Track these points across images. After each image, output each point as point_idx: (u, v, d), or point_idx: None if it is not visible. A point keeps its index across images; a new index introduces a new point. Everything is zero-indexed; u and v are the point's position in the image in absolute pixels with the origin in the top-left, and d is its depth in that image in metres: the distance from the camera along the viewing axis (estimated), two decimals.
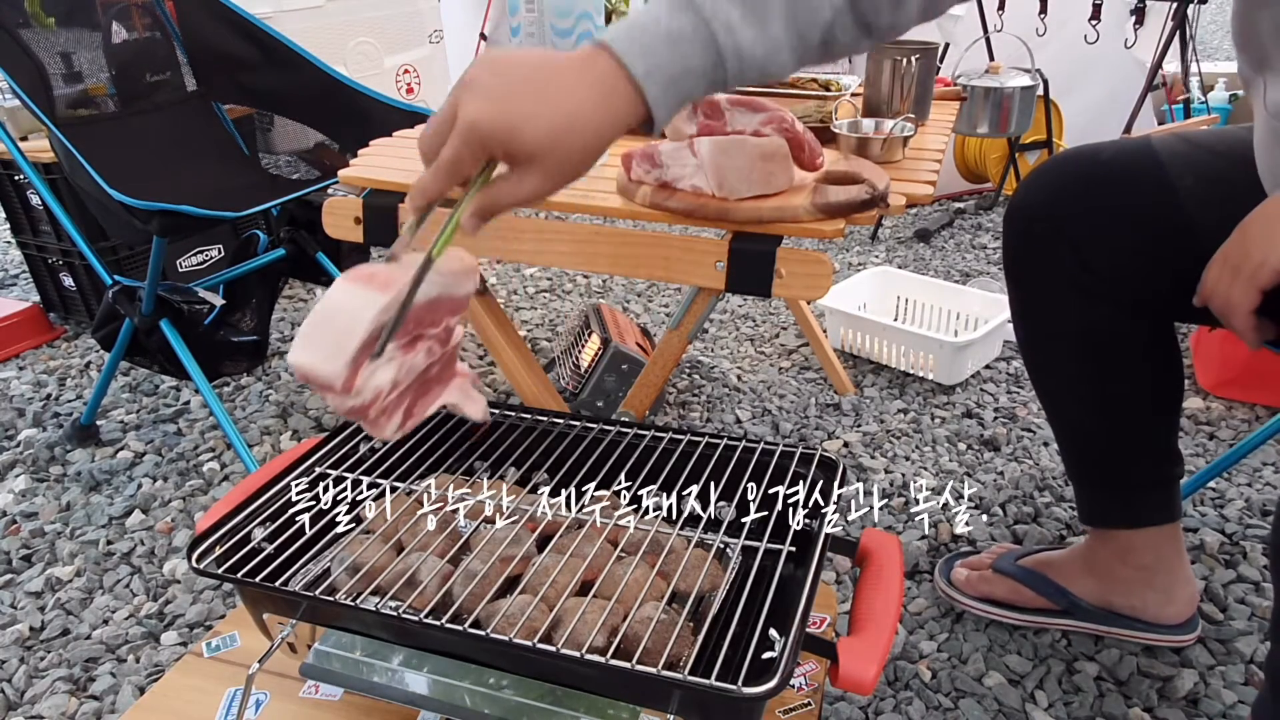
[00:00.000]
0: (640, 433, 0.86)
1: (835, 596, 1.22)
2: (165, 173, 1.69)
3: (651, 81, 0.61)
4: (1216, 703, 1.08)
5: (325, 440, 0.85)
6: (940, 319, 2.03)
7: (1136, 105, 2.67)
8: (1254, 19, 0.79)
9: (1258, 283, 0.72)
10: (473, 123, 0.59)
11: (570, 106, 0.61)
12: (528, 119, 0.59)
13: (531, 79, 0.61)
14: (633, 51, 0.61)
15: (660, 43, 0.61)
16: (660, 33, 0.62)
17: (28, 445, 1.71)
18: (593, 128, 0.61)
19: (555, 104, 0.60)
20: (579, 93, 0.61)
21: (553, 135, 0.60)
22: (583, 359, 1.76)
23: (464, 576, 0.69)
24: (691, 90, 0.64)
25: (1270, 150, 0.81)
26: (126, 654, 1.21)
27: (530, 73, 0.61)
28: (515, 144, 0.60)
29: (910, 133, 1.11)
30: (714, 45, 0.62)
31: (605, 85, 0.61)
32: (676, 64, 0.62)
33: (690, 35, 0.62)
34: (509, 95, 0.60)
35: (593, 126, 0.61)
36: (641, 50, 0.61)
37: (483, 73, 0.61)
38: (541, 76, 0.61)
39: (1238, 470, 1.53)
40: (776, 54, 0.65)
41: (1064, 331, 1.01)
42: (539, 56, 0.62)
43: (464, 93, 0.60)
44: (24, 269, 2.50)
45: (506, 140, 0.60)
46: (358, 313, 0.60)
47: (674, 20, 0.62)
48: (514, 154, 0.61)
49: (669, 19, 0.62)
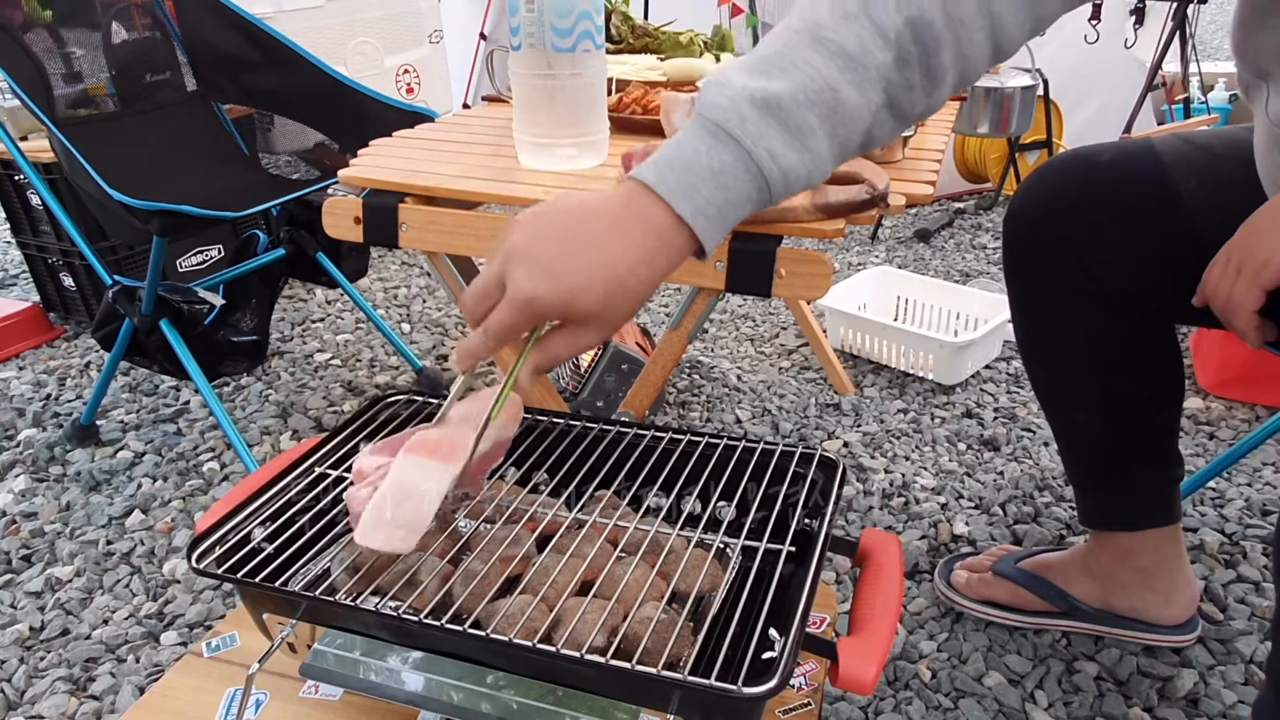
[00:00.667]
0: (640, 433, 0.86)
1: (835, 596, 1.22)
2: (165, 173, 1.69)
3: (702, 218, 0.61)
4: (1216, 703, 1.08)
5: (325, 440, 0.85)
6: (940, 319, 2.03)
7: (1136, 105, 2.67)
8: (1254, 40, 0.78)
9: (1261, 282, 0.72)
10: (529, 299, 0.59)
11: (621, 268, 0.60)
12: (582, 290, 0.59)
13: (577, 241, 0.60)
14: (678, 192, 0.60)
15: (704, 180, 0.60)
16: (702, 169, 0.61)
17: (28, 445, 1.71)
18: (643, 278, 0.61)
19: (607, 268, 0.60)
20: (628, 250, 0.61)
21: (607, 298, 0.60)
22: (583, 359, 1.76)
23: (464, 577, 0.69)
24: (739, 215, 0.63)
25: (1270, 156, 0.80)
26: (126, 654, 1.21)
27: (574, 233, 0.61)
28: (571, 312, 0.61)
29: (910, 133, 1.11)
30: (759, 174, 0.61)
31: (653, 231, 0.61)
32: (722, 197, 0.61)
33: (733, 168, 0.61)
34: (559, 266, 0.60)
35: (643, 277, 0.61)
36: (686, 189, 0.60)
37: (527, 240, 0.60)
38: (586, 234, 0.61)
39: (1238, 470, 1.53)
40: (819, 166, 0.64)
41: (1064, 334, 1.01)
42: (578, 211, 0.62)
43: (512, 265, 0.60)
44: (24, 269, 2.50)
45: (563, 312, 0.61)
46: (429, 491, 0.63)
47: (715, 156, 0.61)
48: (569, 319, 0.62)
49: (709, 155, 0.61)
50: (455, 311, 2.28)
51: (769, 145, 0.61)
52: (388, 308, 2.34)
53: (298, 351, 2.09)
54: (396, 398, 0.92)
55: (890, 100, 0.64)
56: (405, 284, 2.48)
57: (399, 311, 2.32)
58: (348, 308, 2.32)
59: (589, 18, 1.01)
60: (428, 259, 1.10)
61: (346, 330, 2.20)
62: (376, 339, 2.14)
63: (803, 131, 0.61)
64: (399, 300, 2.38)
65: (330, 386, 1.91)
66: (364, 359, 2.05)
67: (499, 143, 1.21)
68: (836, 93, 0.61)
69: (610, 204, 0.62)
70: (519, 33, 1.02)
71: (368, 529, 0.63)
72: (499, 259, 0.61)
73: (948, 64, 0.64)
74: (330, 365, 2.02)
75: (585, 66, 1.04)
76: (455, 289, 1.11)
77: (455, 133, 1.29)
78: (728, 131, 0.60)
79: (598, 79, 1.07)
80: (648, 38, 1.61)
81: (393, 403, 0.91)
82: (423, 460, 0.63)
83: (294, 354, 2.07)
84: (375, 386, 1.92)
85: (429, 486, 0.63)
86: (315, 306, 2.34)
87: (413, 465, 0.63)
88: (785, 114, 0.60)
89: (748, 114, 0.60)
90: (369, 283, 2.49)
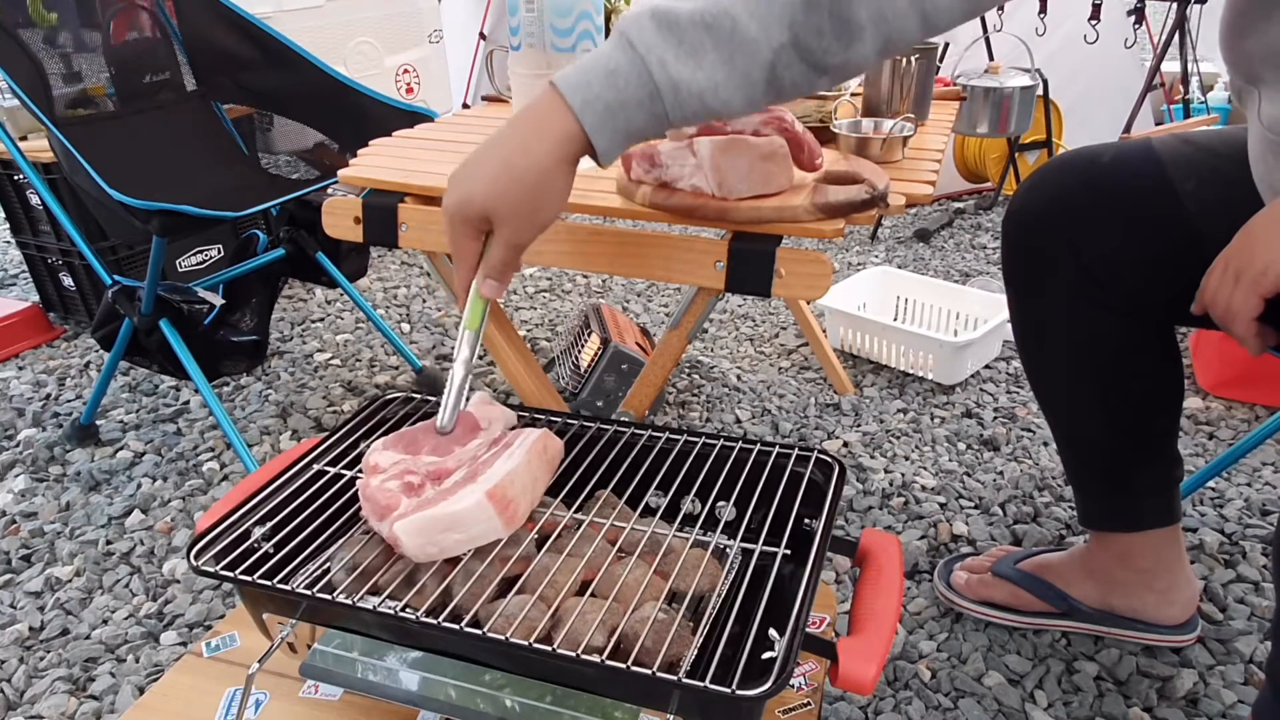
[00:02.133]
0: (639, 432, 0.86)
1: (835, 596, 1.22)
2: (165, 173, 1.69)
3: (589, 111, 0.67)
4: (1216, 703, 1.08)
5: (325, 440, 0.85)
6: (940, 319, 2.03)
7: (1136, 105, 2.67)
8: (1243, 44, 0.78)
9: (1260, 289, 0.71)
10: (448, 209, 0.69)
11: (503, 152, 0.68)
12: (481, 183, 0.67)
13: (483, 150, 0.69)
14: (573, 85, 0.67)
15: (598, 78, 0.67)
16: (599, 68, 0.67)
17: (27, 445, 1.71)
18: (530, 163, 0.67)
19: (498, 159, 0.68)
20: (513, 138, 0.68)
21: (494, 185, 0.67)
22: (582, 359, 1.76)
23: (462, 575, 0.69)
24: (631, 120, 0.68)
25: (1265, 161, 0.80)
26: (126, 654, 1.21)
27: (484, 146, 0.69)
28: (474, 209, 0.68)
29: (910, 133, 1.11)
30: (649, 78, 0.67)
31: (542, 120, 0.68)
32: (612, 95, 0.67)
33: (626, 70, 0.67)
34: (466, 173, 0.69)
35: (529, 162, 0.67)
36: (580, 84, 0.67)
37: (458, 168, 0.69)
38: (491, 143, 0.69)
39: (1237, 470, 1.53)
40: (719, 93, 0.68)
41: (1063, 336, 1.01)
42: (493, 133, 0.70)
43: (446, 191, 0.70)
44: (24, 269, 2.50)
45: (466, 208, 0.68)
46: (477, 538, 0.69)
47: (613, 58, 0.67)
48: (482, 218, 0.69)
49: (609, 58, 0.67)
50: (455, 311, 2.28)
51: (661, 54, 0.66)
52: (388, 308, 2.34)
53: (297, 351, 2.09)
54: (396, 397, 0.92)
55: (796, 41, 0.67)
56: (405, 284, 2.48)
57: (399, 311, 2.32)
58: (348, 308, 2.32)
59: (589, 18, 1.01)
60: (428, 259, 1.11)
61: (346, 330, 2.20)
62: (376, 339, 2.14)
63: (696, 50, 0.67)
64: (399, 300, 2.38)
65: (330, 386, 1.91)
66: (364, 359, 2.05)
67: None
68: (735, 20, 0.66)
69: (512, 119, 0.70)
70: (519, 33, 1.02)
71: (412, 532, 0.67)
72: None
73: (864, 20, 0.67)
74: (330, 365, 2.02)
75: None
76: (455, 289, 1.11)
77: (455, 133, 1.29)
78: (626, 37, 0.67)
79: None
80: None
81: (392, 402, 0.92)
82: (493, 514, 0.68)
83: (294, 354, 2.08)
84: (375, 386, 1.92)
85: (478, 533, 0.69)
86: (315, 306, 2.34)
87: (485, 514, 0.68)
88: (680, 31, 0.66)
89: (645, 25, 0.67)
90: (369, 283, 2.49)
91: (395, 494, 0.71)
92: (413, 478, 0.72)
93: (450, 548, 0.68)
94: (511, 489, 0.70)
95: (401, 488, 0.71)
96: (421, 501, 0.70)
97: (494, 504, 0.68)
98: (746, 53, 0.67)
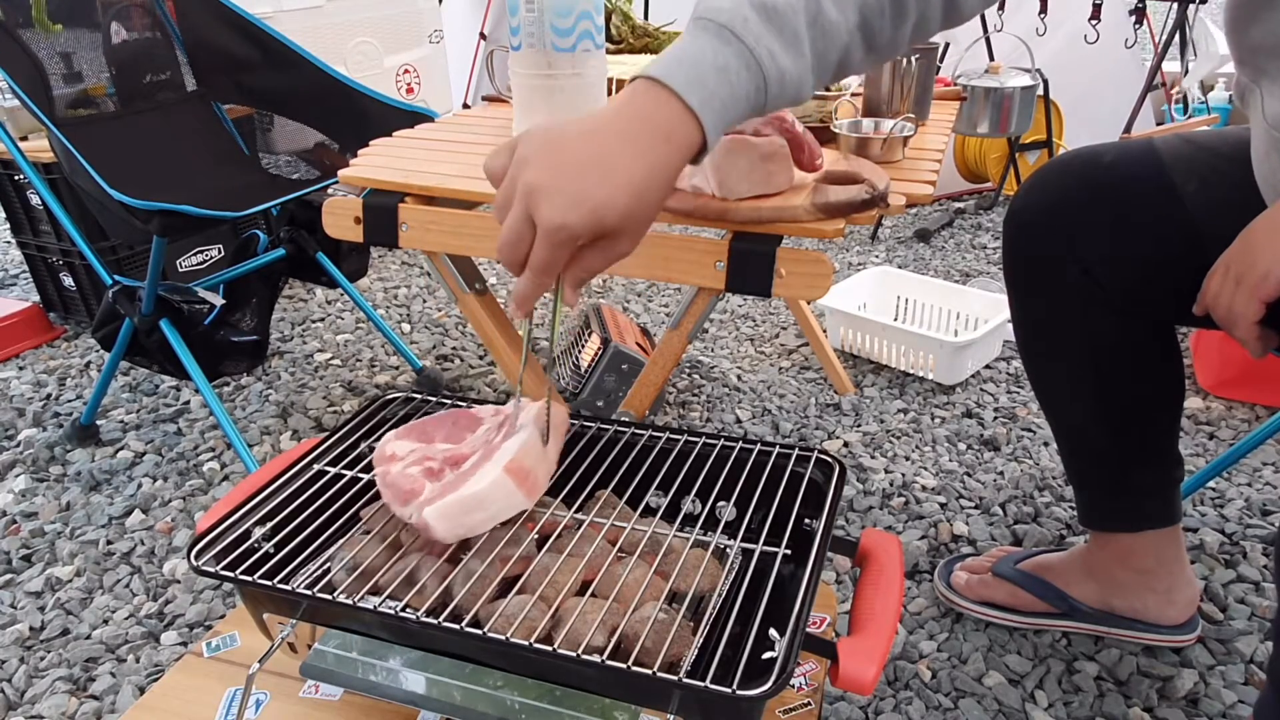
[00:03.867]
0: (640, 432, 0.86)
1: (835, 596, 1.22)
2: (165, 173, 1.69)
3: (708, 110, 0.63)
4: (1216, 703, 1.08)
5: (325, 440, 0.85)
6: (940, 319, 2.03)
7: (1136, 105, 2.67)
8: (1248, 37, 0.78)
9: (1261, 294, 0.71)
10: (559, 227, 0.60)
11: (638, 178, 0.62)
12: (606, 207, 0.61)
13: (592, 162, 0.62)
14: (688, 85, 0.63)
15: (710, 73, 0.63)
16: (708, 65, 0.64)
17: (28, 445, 1.71)
18: (660, 181, 0.63)
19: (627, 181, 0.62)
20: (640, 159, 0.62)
21: (630, 209, 0.62)
22: (583, 359, 1.76)
23: (463, 575, 0.69)
24: (738, 114, 0.66)
25: (1268, 160, 0.80)
26: (126, 654, 1.21)
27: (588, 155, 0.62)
28: (601, 229, 0.62)
29: (910, 133, 1.11)
30: (759, 73, 0.65)
31: (659, 133, 0.63)
32: (726, 92, 0.64)
33: (736, 66, 0.64)
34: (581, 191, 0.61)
35: (659, 180, 0.63)
36: (695, 82, 0.63)
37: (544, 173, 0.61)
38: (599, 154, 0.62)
39: (1238, 470, 1.53)
40: (806, 77, 0.68)
41: (1064, 336, 1.01)
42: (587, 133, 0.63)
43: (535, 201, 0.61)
44: (24, 269, 2.50)
45: (593, 231, 0.62)
46: (500, 514, 0.71)
47: (720, 54, 0.64)
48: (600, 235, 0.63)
49: (715, 54, 0.64)
50: (455, 311, 2.28)
51: (769, 45, 0.65)
52: (388, 308, 2.34)
53: (298, 351, 2.09)
54: (396, 397, 0.92)
55: (864, 22, 0.69)
56: (405, 284, 2.48)
57: (399, 311, 2.32)
58: (348, 308, 2.32)
59: (589, 18, 1.01)
60: (428, 259, 1.10)
61: (346, 330, 2.20)
62: (376, 339, 2.14)
63: (797, 38, 0.66)
64: (399, 300, 2.38)
65: (330, 386, 1.91)
66: (364, 359, 2.05)
67: (499, 143, 1.21)
68: (820, 5, 0.66)
69: (615, 117, 0.64)
70: (519, 33, 1.02)
71: (442, 516, 0.68)
72: (519, 199, 0.61)
73: (912, 3, 0.70)
74: (330, 365, 2.02)
75: (585, 66, 1.04)
76: (455, 289, 1.11)
77: (455, 133, 1.29)
78: (733, 31, 0.64)
79: (598, 79, 1.07)
80: (648, 38, 1.61)
81: (392, 402, 0.92)
82: (514, 488, 0.69)
83: (294, 354, 2.08)
84: (375, 386, 1.92)
85: (499, 510, 0.70)
86: (315, 306, 2.34)
87: (505, 490, 0.69)
88: (781, 19, 0.65)
89: (750, 16, 0.64)
90: (369, 283, 2.49)
91: (418, 478, 0.73)
92: (432, 463, 0.74)
93: (478, 525, 0.70)
94: (528, 459, 0.71)
95: (423, 473, 0.73)
96: (444, 485, 0.71)
97: (514, 477, 0.70)
98: (829, 36, 0.68)
